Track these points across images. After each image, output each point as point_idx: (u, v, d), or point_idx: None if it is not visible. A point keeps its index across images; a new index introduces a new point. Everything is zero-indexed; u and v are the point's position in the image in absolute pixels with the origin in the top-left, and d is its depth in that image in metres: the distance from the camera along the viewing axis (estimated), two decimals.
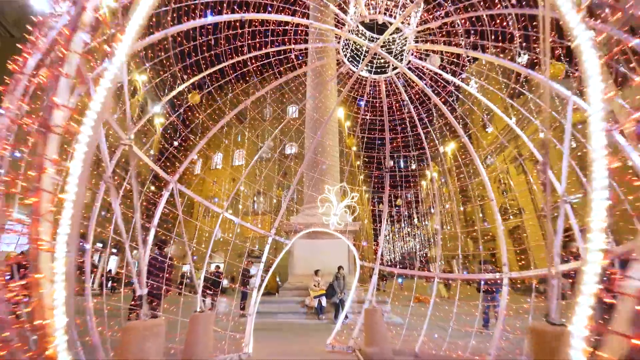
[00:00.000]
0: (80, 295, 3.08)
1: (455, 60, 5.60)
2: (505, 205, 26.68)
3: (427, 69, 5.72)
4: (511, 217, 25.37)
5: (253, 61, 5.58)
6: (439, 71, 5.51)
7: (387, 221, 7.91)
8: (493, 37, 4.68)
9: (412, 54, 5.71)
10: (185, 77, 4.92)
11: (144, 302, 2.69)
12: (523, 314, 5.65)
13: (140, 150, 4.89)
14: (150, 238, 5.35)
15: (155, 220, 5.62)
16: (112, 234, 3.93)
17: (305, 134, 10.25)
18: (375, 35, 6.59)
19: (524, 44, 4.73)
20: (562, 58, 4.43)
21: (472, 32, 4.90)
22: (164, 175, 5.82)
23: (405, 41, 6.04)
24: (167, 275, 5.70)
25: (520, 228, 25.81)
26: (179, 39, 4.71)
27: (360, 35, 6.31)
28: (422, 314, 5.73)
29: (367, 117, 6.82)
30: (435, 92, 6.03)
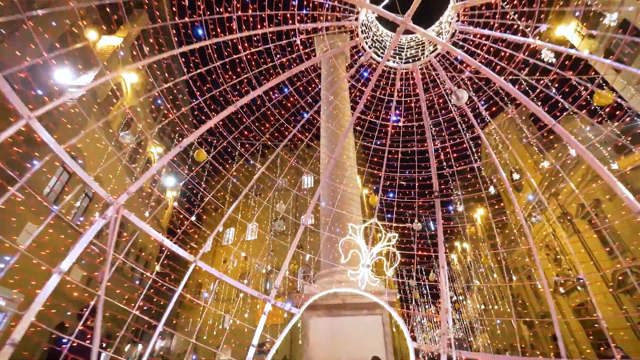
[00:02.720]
0: None
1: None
2: (561, 276, 21.93)
3: (479, 36, 4.17)
4: (578, 289, 20.29)
5: (246, 45, 4.26)
6: (499, 34, 3.93)
7: (447, 273, 5.20)
8: None
9: (458, 21, 4.26)
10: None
11: None
12: None
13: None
14: (46, 292, 2.91)
15: (65, 265, 3.26)
16: None
17: (320, 153, 8.34)
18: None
19: None
20: None
21: None
22: (100, 193, 3.77)
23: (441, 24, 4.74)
24: None
25: (584, 305, 20.25)
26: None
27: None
28: None
29: (401, 124, 5.03)
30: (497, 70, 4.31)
